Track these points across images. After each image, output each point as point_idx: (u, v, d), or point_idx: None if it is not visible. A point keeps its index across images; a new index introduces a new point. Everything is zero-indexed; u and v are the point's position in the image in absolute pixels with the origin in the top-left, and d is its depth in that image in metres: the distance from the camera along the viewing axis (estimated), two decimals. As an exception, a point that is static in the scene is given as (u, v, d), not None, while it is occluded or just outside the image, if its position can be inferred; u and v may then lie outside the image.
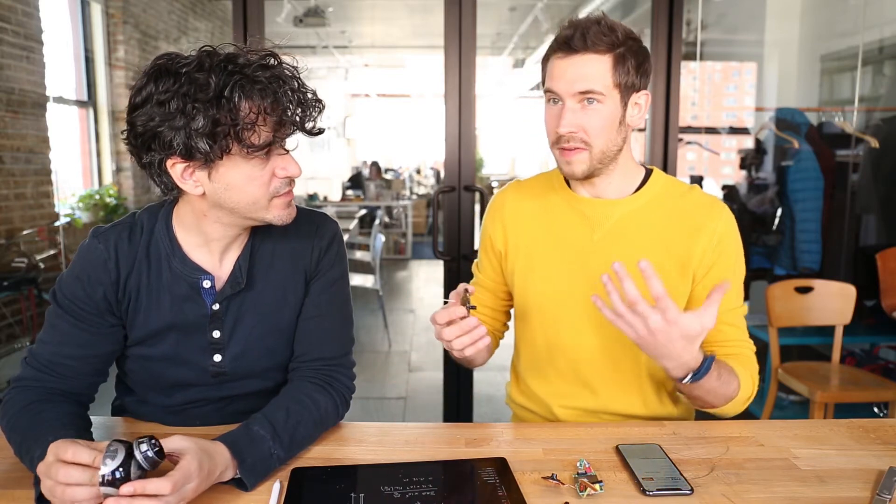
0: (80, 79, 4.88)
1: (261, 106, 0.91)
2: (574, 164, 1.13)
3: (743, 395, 1.11)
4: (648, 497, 0.90)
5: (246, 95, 0.90)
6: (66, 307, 1.03)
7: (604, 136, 1.11)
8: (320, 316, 1.13)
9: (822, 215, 3.30)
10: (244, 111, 0.91)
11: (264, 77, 0.92)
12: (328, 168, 11.40)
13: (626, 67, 1.09)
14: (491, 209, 1.31)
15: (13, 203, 3.83)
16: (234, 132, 0.90)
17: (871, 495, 0.90)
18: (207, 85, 0.89)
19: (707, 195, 1.20)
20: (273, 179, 0.98)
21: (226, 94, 0.89)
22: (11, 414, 0.97)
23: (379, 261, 4.76)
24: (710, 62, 4.68)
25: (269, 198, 0.99)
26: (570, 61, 1.09)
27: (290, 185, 1.02)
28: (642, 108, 1.15)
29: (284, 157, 0.99)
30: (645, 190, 1.20)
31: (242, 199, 0.98)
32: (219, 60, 0.91)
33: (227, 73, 0.90)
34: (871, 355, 3.22)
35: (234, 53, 0.94)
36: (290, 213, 1.04)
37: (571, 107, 1.10)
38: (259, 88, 0.91)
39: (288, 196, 1.02)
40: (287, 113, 0.94)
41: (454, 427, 1.14)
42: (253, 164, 0.95)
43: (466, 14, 2.41)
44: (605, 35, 1.07)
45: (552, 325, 1.22)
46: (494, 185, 12.50)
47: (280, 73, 0.94)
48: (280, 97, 0.93)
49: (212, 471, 0.86)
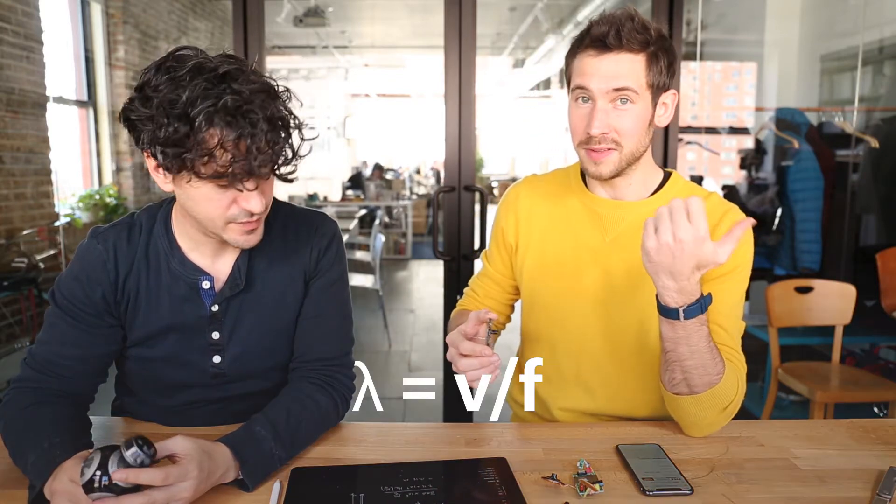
0: (80, 79, 4.88)
1: (224, 139, 0.85)
2: (602, 166, 1.11)
3: (725, 391, 1.03)
4: (648, 497, 0.90)
5: (211, 123, 0.85)
6: (65, 308, 1.03)
7: (635, 137, 1.09)
8: (320, 316, 1.12)
9: (822, 215, 3.30)
10: (206, 137, 0.85)
11: (239, 111, 0.85)
12: (328, 168, 11.40)
13: (659, 67, 1.07)
14: (505, 202, 1.30)
15: (13, 203, 3.83)
16: (189, 154, 0.85)
17: (871, 495, 0.90)
18: (179, 99, 0.85)
19: (725, 202, 1.17)
20: (232, 206, 0.93)
21: (192, 114, 0.84)
22: (9, 417, 0.97)
23: (379, 261, 4.76)
24: (710, 62, 4.68)
25: (224, 221, 0.95)
26: (604, 59, 1.05)
27: (251, 218, 0.96)
28: (669, 107, 1.13)
29: (248, 192, 0.92)
30: (662, 193, 1.18)
31: (199, 214, 0.95)
32: (207, 76, 0.86)
33: (203, 94, 0.85)
34: (871, 355, 3.22)
35: (230, 73, 0.87)
36: (248, 239, 0.99)
37: (603, 107, 1.07)
38: (228, 121, 0.85)
39: (248, 226, 0.96)
40: (252, 157, 0.87)
41: (454, 427, 1.14)
42: (211, 186, 0.90)
43: (466, 14, 2.41)
44: (639, 33, 1.04)
45: (559, 323, 1.22)
46: (494, 185, 12.50)
47: (263, 112, 0.87)
48: (245, 137, 0.86)
49: (212, 471, 0.86)
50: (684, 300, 0.96)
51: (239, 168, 0.87)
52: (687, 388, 1.03)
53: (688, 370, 1.01)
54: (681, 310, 0.97)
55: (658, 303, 1.00)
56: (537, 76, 11.87)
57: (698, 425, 1.07)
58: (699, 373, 1.01)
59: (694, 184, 1.23)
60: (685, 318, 0.97)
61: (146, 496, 0.78)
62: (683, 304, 0.97)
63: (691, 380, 1.02)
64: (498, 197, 2.64)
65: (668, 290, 0.97)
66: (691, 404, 1.04)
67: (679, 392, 1.04)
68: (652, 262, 0.95)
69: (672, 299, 0.97)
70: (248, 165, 0.87)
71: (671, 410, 1.10)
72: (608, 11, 1.09)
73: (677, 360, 1.01)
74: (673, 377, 1.04)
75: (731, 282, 1.11)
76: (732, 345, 1.11)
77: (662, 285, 0.97)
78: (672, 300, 0.97)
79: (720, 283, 1.10)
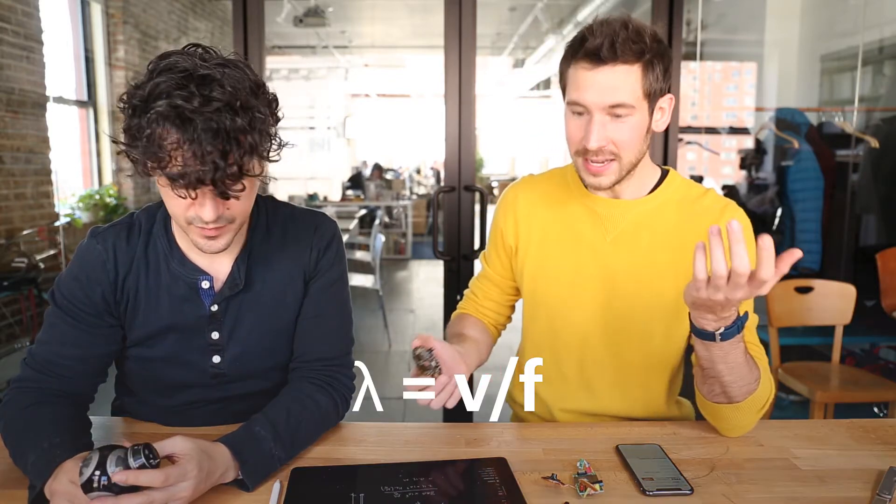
0: (80, 79, 4.89)
1: (170, 140, 0.83)
2: (603, 178, 1.09)
3: (762, 394, 1.03)
4: (648, 497, 0.90)
5: (159, 123, 0.83)
6: (65, 308, 1.03)
7: (634, 147, 1.08)
8: (320, 316, 1.12)
9: (822, 215, 3.30)
10: (156, 135, 0.83)
11: (185, 116, 0.82)
12: (328, 168, 11.40)
13: (655, 74, 1.05)
14: (503, 203, 1.29)
15: (13, 203, 3.83)
16: (145, 148, 0.84)
17: (871, 495, 0.90)
18: (143, 93, 0.84)
19: (722, 198, 1.17)
20: (190, 209, 0.91)
21: (148, 109, 0.83)
22: (9, 417, 0.97)
23: (379, 261, 4.76)
24: (710, 62, 4.68)
25: (185, 222, 0.93)
26: (598, 73, 1.02)
27: (207, 225, 0.92)
28: (666, 111, 1.12)
29: (201, 199, 0.89)
30: (660, 191, 1.18)
31: (169, 209, 0.95)
32: (175, 75, 0.84)
33: (165, 91, 0.83)
34: (871, 355, 3.23)
35: (202, 77, 0.84)
36: (209, 244, 0.95)
37: (600, 120, 1.05)
38: (176, 124, 0.82)
39: (207, 231, 0.93)
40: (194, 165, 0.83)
41: (454, 427, 1.14)
42: (169, 188, 0.88)
43: (466, 14, 2.41)
44: (634, 42, 1.01)
45: (561, 323, 1.22)
46: (494, 185, 12.50)
47: (208, 124, 0.83)
48: (185, 143, 0.82)
49: (212, 471, 0.86)
50: (722, 324, 0.93)
51: (184, 174, 0.84)
52: (726, 398, 1.03)
53: (727, 385, 1.01)
54: (717, 333, 0.94)
55: (692, 324, 0.96)
56: (537, 76, 11.87)
57: (738, 427, 1.08)
58: (738, 385, 1.01)
59: (691, 181, 1.22)
60: (721, 341, 0.95)
61: (145, 496, 0.78)
62: (720, 328, 0.94)
63: (730, 392, 1.02)
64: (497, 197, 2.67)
65: (706, 319, 0.93)
66: (731, 411, 1.05)
67: (719, 402, 1.05)
68: (697, 302, 0.90)
69: (709, 325, 0.94)
70: (197, 174, 0.84)
71: (707, 415, 1.10)
72: (604, 14, 1.06)
73: (715, 376, 1.01)
74: (712, 389, 1.04)
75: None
76: (752, 340, 1.10)
77: (702, 317, 0.93)
78: (710, 326, 0.94)
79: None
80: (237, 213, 0.95)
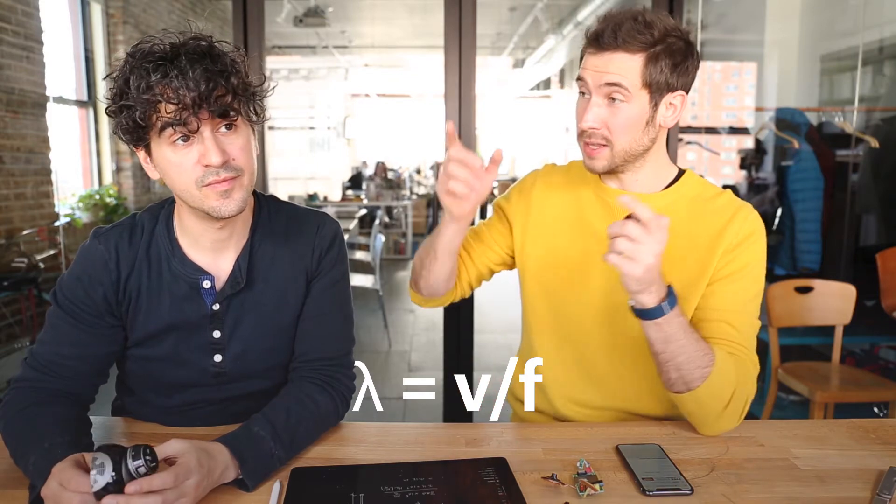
0: (80, 79, 4.89)
1: (155, 83, 0.88)
2: (595, 161, 1.13)
3: (723, 385, 1.04)
4: (648, 497, 0.90)
5: (142, 76, 0.88)
6: (67, 308, 1.03)
7: (627, 135, 1.10)
8: (321, 316, 1.12)
9: (822, 215, 3.30)
10: (143, 88, 0.88)
11: (166, 58, 0.89)
12: (328, 168, 11.41)
13: (660, 67, 1.06)
14: (522, 185, 1.32)
15: (13, 203, 3.84)
16: (136, 111, 0.89)
17: (871, 495, 0.90)
18: (122, 73, 0.91)
19: (737, 200, 1.17)
20: (195, 167, 0.93)
21: (128, 74, 0.89)
22: (9, 417, 0.97)
23: (379, 261, 4.76)
24: (710, 62, 4.69)
25: (197, 187, 0.94)
26: (599, 57, 1.07)
27: (219, 175, 0.94)
28: (677, 109, 1.12)
29: (202, 144, 0.93)
30: (674, 188, 1.18)
31: (176, 187, 0.97)
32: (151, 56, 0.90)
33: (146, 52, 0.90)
34: (871, 355, 3.23)
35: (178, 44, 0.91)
36: (225, 204, 0.96)
37: (597, 101, 1.09)
38: (157, 66, 0.88)
39: (220, 185, 0.94)
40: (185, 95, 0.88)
41: (454, 427, 1.14)
42: (173, 150, 0.93)
43: (466, 14, 2.41)
44: (639, 33, 1.03)
45: (565, 313, 1.22)
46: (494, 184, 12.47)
47: (190, 56, 0.89)
48: (172, 77, 0.88)
49: (212, 469, 0.86)
50: (661, 296, 0.98)
51: (179, 107, 0.89)
52: (684, 385, 1.04)
53: (681, 366, 1.03)
54: (663, 304, 0.98)
55: (638, 311, 1.00)
56: (537, 76, 11.87)
57: (706, 423, 1.08)
58: (691, 366, 1.02)
59: (708, 182, 1.22)
60: (670, 309, 0.99)
61: (159, 496, 0.78)
62: (662, 299, 0.98)
63: (686, 375, 1.03)
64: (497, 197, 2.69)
65: (649, 295, 0.98)
66: (690, 401, 1.06)
67: (678, 391, 1.05)
68: (633, 278, 0.96)
69: (651, 299, 0.98)
70: (192, 97, 0.88)
71: (682, 411, 1.11)
72: (613, 11, 1.09)
73: (670, 359, 1.03)
74: (669, 377, 1.05)
75: (741, 280, 1.11)
76: (741, 341, 1.10)
77: (642, 294, 0.98)
78: (650, 300, 0.98)
79: (729, 282, 1.11)
80: (242, 163, 0.97)
